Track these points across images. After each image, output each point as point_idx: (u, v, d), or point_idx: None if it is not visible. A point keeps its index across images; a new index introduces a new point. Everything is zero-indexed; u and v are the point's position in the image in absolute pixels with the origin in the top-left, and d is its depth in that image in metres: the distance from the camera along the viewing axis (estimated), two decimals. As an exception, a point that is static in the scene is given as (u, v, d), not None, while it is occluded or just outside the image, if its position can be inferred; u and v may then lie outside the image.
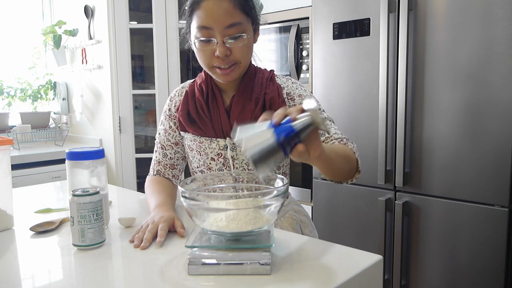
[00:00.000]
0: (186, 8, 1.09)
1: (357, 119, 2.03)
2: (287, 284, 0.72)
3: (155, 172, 1.24)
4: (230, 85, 1.16)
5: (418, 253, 1.89)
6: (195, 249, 0.77)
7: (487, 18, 1.62)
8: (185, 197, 0.78)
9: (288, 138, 0.73)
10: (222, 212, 0.78)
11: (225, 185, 0.93)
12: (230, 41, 1.03)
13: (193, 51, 1.13)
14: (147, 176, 1.26)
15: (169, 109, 1.23)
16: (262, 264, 0.74)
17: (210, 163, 1.15)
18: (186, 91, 1.20)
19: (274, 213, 0.80)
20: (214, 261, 0.75)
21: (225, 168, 1.14)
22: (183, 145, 1.23)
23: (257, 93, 1.13)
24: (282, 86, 1.16)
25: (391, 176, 1.94)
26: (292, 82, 1.17)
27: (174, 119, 1.22)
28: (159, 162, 1.24)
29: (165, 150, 1.23)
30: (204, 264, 0.75)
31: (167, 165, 1.23)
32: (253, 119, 1.09)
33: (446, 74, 1.74)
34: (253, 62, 1.21)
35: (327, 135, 1.08)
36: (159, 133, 1.26)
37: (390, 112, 1.90)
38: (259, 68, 1.21)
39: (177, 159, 1.24)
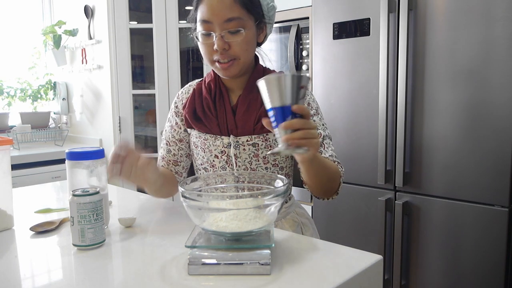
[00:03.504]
0: (193, 3, 1.12)
1: (357, 119, 2.03)
2: (287, 284, 0.72)
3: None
4: (237, 84, 1.17)
5: (418, 253, 1.89)
6: (195, 249, 0.77)
7: (487, 18, 1.62)
8: (185, 197, 0.78)
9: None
10: (222, 212, 0.78)
11: (226, 185, 0.93)
12: (228, 35, 1.05)
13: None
14: None
15: (176, 106, 1.24)
16: (262, 264, 0.74)
17: (213, 161, 1.16)
18: (194, 89, 1.21)
19: (274, 213, 0.80)
20: (214, 261, 0.75)
21: (228, 166, 1.15)
22: (187, 142, 1.24)
23: None
24: None
25: (391, 176, 1.94)
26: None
27: (180, 116, 1.23)
28: (162, 158, 1.25)
29: (169, 146, 1.24)
30: (204, 264, 0.75)
31: (170, 161, 1.24)
32: (257, 119, 1.11)
33: (446, 74, 1.74)
34: (261, 63, 1.22)
35: (324, 154, 1.12)
36: (165, 130, 1.27)
37: (390, 112, 1.90)
38: (268, 68, 1.22)
39: (180, 155, 1.24)
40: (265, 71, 1.19)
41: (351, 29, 2.01)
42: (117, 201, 1.30)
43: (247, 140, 1.12)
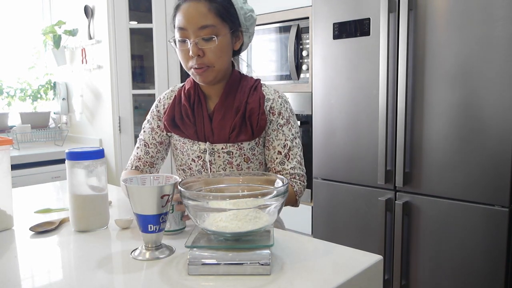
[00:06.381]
0: (172, 12, 1.17)
1: (357, 119, 2.03)
2: (287, 284, 0.72)
3: (133, 167, 1.27)
4: (214, 91, 1.20)
5: (418, 253, 1.89)
6: (195, 249, 0.77)
7: (487, 18, 1.62)
8: (185, 197, 0.79)
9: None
10: (222, 212, 0.78)
11: (224, 185, 0.94)
12: (202, 42, 1.10)
13: None
14: (123, 170, 1.29)
15: (158, 110, 1.27)
16: (262, 264, 0.74)
17: (190, 164, 1.21)
18: (175, 95, 1.25)
19: (274, 213, 0.80)
20: (214, 261, 0.75)
21: (204, 171, 1.19)
22: (166, 145, 1.28)
23: (239, 101, 1.18)
24: (267, 97, 1.20)
25: (391, 176, 1.94)
26: (279, 96, 1.21)
27: (161, 120, 1.26)
28: (139, 159, 1.27)
29: (148, 148, 1.26)
30: (204, 264, 0.75)
31: (147, 162, 1.27)
32: (232, 127, 1.15)
33: (446, 74, 1.74)
34: (243, 70, 1.26)
35: (283, 166, 1.17)
36: (144, 131, 1.29)
37: (390, 112, 1.90)
38: (245, 75, 1.25)
39: (157, 158, 1.28)
40: (242, 78, 1.23)
41: (351, 29, 2.01)
42: (117, 201, 1.30)
43: (222, 148, 1.17)
